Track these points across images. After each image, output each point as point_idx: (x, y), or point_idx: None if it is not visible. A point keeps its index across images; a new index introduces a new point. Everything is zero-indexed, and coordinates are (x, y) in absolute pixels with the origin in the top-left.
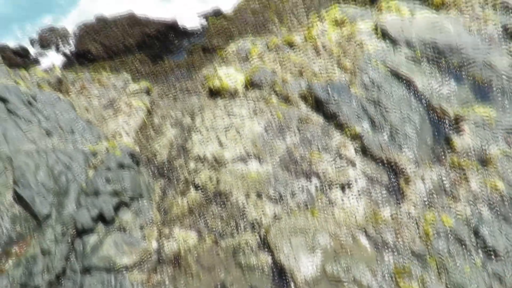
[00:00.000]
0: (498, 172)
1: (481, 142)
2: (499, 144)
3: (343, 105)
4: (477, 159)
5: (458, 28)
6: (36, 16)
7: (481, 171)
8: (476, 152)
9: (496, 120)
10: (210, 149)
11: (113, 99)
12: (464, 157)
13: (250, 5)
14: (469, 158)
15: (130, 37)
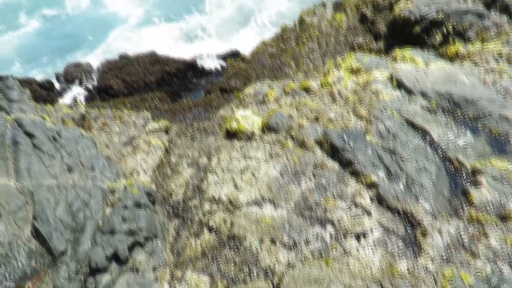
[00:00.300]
0: None
1: (499, 197)
2: None
3: (359, 153)
4: (496, 214)
5: (473, 80)
6: (66, 49)
7: (500, 227)
8: (495, 207)
9: None
10: (225, 191)
11: (133, 137)
12: (482, 211)
13: (268, 49)
14: (487, 213)
15: (150, 74)
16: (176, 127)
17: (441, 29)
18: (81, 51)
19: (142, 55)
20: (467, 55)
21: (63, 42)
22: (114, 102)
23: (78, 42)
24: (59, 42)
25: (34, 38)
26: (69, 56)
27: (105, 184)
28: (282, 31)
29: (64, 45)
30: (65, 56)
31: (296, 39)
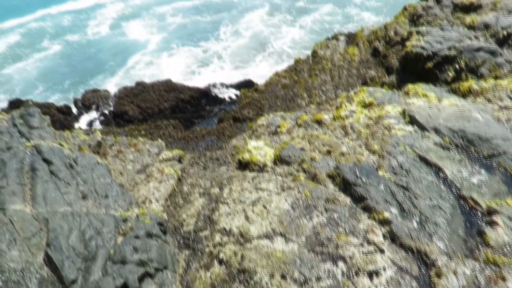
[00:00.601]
0: None
1: None
2: None
3: (371, 188)
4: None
5: (486, 117)
6: (87, 73)
7: None
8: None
9: None
10: (237, 223)
11: (147, 165)
12: (499, 253)
13: (281, 80)
14: (504, 255)
15: (165, 101)
16: (189, 156)
17: (454, 65)
18: (101, 75)
19: (158, 82)
20: (480, 91)
21: (84, 65)
22: (129, 129)
23: (98, 67)
24: (80, 65)
25: (56, 61)
26: (90, 79)
27: (118, 212)
28: (295, 63)
29: (85, 68)
30: (86, 79)
31: (309, 70)
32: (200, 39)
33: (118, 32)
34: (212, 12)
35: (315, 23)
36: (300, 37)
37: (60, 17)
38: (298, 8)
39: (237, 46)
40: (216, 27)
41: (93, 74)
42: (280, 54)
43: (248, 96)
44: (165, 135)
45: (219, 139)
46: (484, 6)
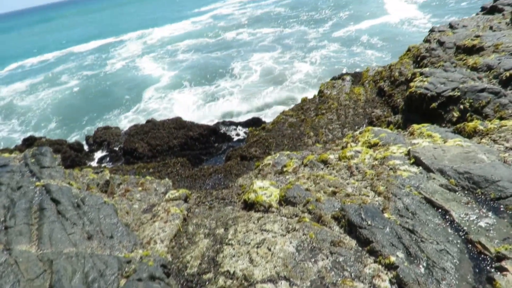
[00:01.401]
0: None
1: None
2: None
3: (377, 231)
4: None
5: (492, 158)
6: (102, 107)
7: None
8: None
9: None
10: (241, 266)
11: (153, 204)
12: None
13: (288, 119)
14: None
15: (174, 138)
16: (196, 195)
17: (458, 105)
18: (115, 110)
19: (168, 120)
20: (485, 132)
21: (99, 101)
22: (138, 167)
23: (112, 102)
24: (95, 100)
25: (73, 96)
26: (104, 114)
27: (122, 253)
28: (302, 102)
29: (100, 104)
30: (100, 114)
31: (315, 109)
32: (212, 75)
33: (133, 68)
34: (224, 49)
35: (324, 58)
36: (310, 72)
37: (81, 55)
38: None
39: (249, 82)
40: (227, 63)
41: (107, 110)
42: (292, 89)
43: (255, 135)
44: (172, 173)
45: (226, 178)
46: (486, 48)
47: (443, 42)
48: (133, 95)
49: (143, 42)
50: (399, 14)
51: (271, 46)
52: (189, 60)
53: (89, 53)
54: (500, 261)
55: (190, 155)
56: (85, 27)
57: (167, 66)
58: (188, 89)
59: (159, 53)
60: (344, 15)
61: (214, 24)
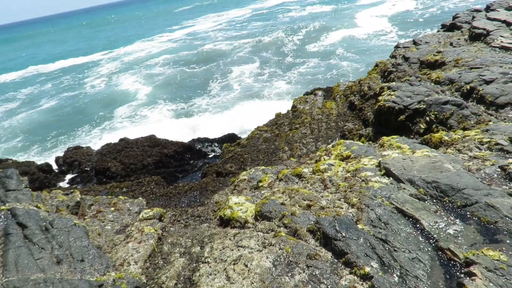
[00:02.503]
0: None
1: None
2: None
3: (351, 242)
4: None
5: (457, 167)
6: (75, 125)
7: None
8: None
9: (508, 265)
10: (217, 284)
11: (126, 225)
12: None
13: (263, 134)
14: None
15: (148, 156)
16: (171, 213)
17: (424, 117)
18: (87, 128)
19: (142, 138)
20: (450, 142)
21: (70, 119)
22: (111, 186)
23: (86, 121)
24: (66, 119)
25: (41, 115)
26: (76, 133)
27: (93, 277)
28: (276, 117)
29: (72, 122)
30: (72, 133)
31: (289, 124)
32: (187, 92)
33: (107, 86)
34: (202, 64)
35: (301, 74)
36: (286, 89)
37: (51, 75)
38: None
39: (226, 99)
40: (205, 80)
41: (78, 129)
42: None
43: (230, 151)
44: (147, 192)
45: (202, 195)
46: (448, 63)
47: (408, 58)
48: (106, 113)
49: (121, 61)
50: (369, 27)
51: (249, 58)
52: (164, 76)
53: (59, 72)
54: (468, 266)
55: (165, 173)
56: (54, 46)
57: (142, 83)
58: (163, 105)
59: (134, 71)
60: (317, 25)
61: (190, 41)
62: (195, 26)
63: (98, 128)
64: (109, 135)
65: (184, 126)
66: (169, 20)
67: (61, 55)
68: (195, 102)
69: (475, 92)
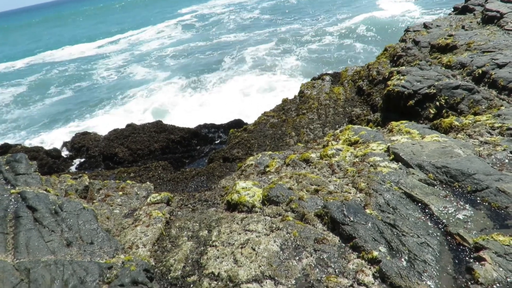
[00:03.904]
0: None
1: (505, 274)
2: None
3: (359, 227)
4: None
5: (468, 152)
6: (83, 115)
7: None
8: (502, 285)
9: None
10: (225, 267)
11: (134, 209)
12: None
13: (269, 120)
14: None
15: (155, 142)
16: (178, 198)
17: (434, 102)
18: (95, 113)
19: (148, 123)
20: (461, 127)
21: (77, 105)
22: (118, 171)
23: (100, 102)
24: (74, 105)
25: (50, 102)
26: (84, 119)
27: (103, 259)
28: (283, 103)
29: (78, 107)
30: (80, 118)
31: (296, 110)
32: (203, 70)
33: (118, 72)
34: (217, 49)
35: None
36: (297, 65)
37: (65, 64)
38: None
39: (240, 71)
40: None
41: (85, 114)
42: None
43: (237, 136)
44: (154, 177)
45: (209, 180)
46: (459, 47)
47: (418, 42)
48: (114, 98)
49: (131, 52)
50: (393, 9)
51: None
52: (180, 63)
53: (74, 62)
54: (478, 251)
55: (172, 159)
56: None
57: (154, 69)
58: (179, 83)
59: (148, 59)
60: (338, 12)
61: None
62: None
63: (105, 113)
64: (117, 120)
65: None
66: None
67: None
68: (210, 77)
69: (487, 76)
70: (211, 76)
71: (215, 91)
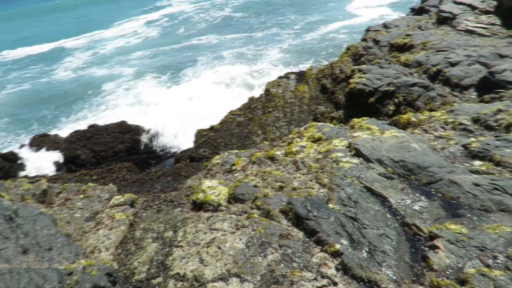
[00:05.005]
0: None
1: (457, 260)
2: (473, 262)
3: (322, 221)
4: (455, 278)
5: (423, 147)
6: (44, 117)
7: None
8: (454, 271)
9: (468, 237)
10: (191, 267)
11: (96, 212)
12: (442, 276)
13: (236, 118)
14: (447, 277)
15: (120, 143)
16: (143, 199)
17: (393, 99)
18: (56, 115)
19: (112, 124)
20: (417, 123)
21: (37, 107)
22: (80, 174)
23: (53, 106)
24: (33, 107)
25: (5, 103)
26: (44, 121)
27: (62, 265)
28: (249, 101)
29: (38, 110)
30: (40, 121)
31: (262, 108)
32: (175, 68)
33: (79, 71)
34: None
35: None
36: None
37: (22, 63)
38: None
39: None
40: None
41: (46, 117)
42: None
43: (204, 135)
44: (118, 178)
45: (175, 180)
46: (416, 46)
47: (378, 41)
48: (76, 100)
49: (93, 52)
50: (369, 14)
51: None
52: (145, 64)
53: (32, 60)
54: (432, 240)
55: (137, 160)
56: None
57: (118, 68)
58: (144, 82)
59: (111, 61)
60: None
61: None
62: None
63: (66, 115)
64: (79, 122)
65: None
66: None
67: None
68: (172, 85)
69: (441, 74)
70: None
71: (187, 91)
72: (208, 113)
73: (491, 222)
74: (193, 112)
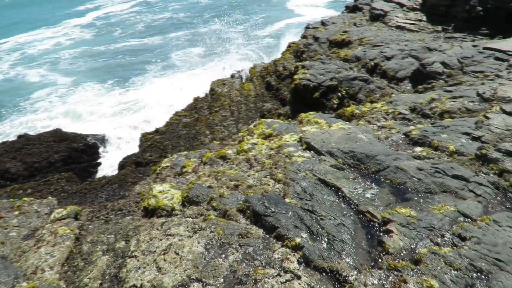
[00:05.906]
0: (430, 270)
1: (409, 242)
2: (424, 242)
3: (281, 216)
4: (410, 259)
5: (369, 137)
6: None
7: (415, 271)
8: (408, 252)
9: (417, 219)
10: (148, 277)
11: (36, 228)
12: (398, 258)
13: (182, 120)
14: (402, 259)
15: (55, 153)
16: (88, 210)
17: (336, 93)
18: None
19: (45, 133)
20: (361, 115)
21: None
22: (12, 189)
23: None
24: None
25: None
26: None
27: None
28: (194, 101)
29: None
30: None
31: (209, 108)
32: (107, 80)
33: (7, 78)
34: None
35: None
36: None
37: None
38: None
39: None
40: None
41: None
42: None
43: (149, 139)
44: (57, 190)
45: (121, 187)
46: (353, 42)
47: (318, 38)
48: (1, 106)
49: (22, 52)
50: (310, 14)
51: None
52: (84, 67)
53: None
54: (386, 224)
55: (77, 169)
56: None
57: (50, 74)
58: (74, 96)
59: (42, 61)
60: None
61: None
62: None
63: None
64: (8, 131)
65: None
66: None
67: None
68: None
69: (379, 67)
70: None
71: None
72: (150, 116)
73: (436, 203)
74: (134, 115)
